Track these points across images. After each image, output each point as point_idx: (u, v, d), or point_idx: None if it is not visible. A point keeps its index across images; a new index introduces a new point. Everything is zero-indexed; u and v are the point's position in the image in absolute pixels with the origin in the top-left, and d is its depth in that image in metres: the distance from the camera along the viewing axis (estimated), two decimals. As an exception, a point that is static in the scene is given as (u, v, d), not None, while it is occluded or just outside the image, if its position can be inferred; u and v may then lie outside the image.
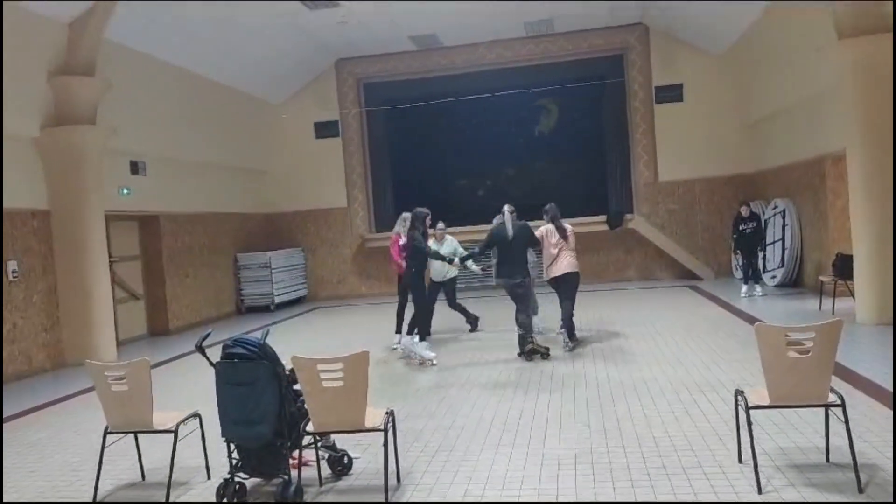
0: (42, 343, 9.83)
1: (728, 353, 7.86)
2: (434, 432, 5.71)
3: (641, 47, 15.58)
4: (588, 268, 16.05)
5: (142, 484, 5.03)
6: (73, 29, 9.89)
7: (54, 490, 5.04)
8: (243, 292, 15.27)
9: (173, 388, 8.13)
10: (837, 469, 4.33)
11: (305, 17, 13.09)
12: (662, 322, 10.21)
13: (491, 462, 4.92)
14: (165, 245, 12.95)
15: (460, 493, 4.42)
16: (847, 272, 9.51)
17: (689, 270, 15.37)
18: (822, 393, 4.15)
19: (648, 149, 15.71)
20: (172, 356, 10.23)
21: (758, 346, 4.19)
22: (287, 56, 14.89)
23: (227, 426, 4.39)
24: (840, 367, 6.68)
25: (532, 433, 5.50)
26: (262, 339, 4.41)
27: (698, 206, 15.63)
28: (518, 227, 8.43)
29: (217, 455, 4.91)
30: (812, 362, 4.10)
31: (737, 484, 4.22)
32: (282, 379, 4.38)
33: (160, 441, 5.05)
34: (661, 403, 6.06)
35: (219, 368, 4.40)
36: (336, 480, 4.78)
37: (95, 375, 4.67)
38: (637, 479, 4.42)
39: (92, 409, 5.08)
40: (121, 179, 11.70)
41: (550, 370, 7.63)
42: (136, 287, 12.70)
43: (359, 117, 16.69)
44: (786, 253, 12.77)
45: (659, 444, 5.02)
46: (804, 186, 12.35)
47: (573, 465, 4.73)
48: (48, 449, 6.12)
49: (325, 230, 16.90)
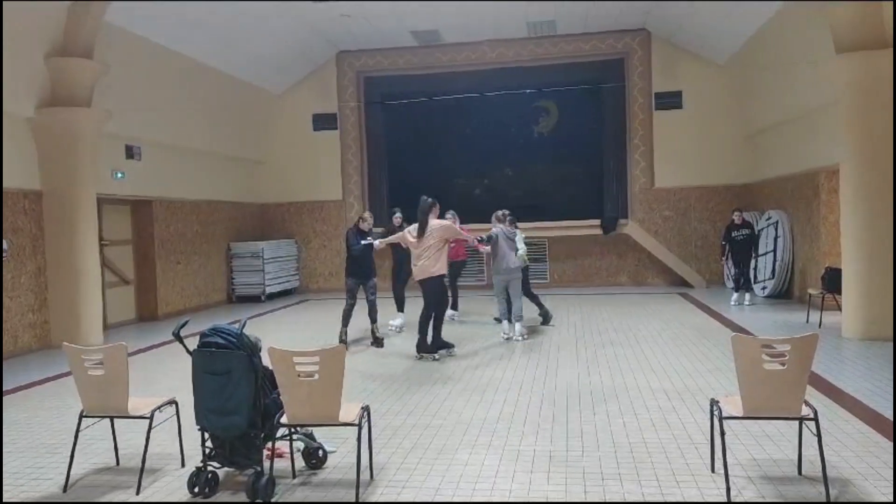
0: (28, 323, 9.82)
1: (711, 361, 7.87)
2: (411, 429, 5.71)
3: (643, 52, 15.58)
4: (580, 271, 16.16)
5: (115, 469, 5.02)
6: (73, 10, 9.85)
7: (28, 471, 5.04)
8: (235, 281, 15.26)
9: (156, 373, 8.13)
10: (809, 482, 4.34)
11: (308, 9, 13.06)
12: (649, 328, 10.22)
13: (465, 461, 4.93)
14: (158, 231, 12.93)
15: (432, 490, 4.43)
16: (835, 286, 9.54)
17: (681, 278, 15.39)
18: (795, 405, 4.15)
19: (646, 154, 15.72)
20: (159, 342, 10.22)
21: (734, 357, 4.20)
22: (288, 46, 14.86)
23: (202, 415, 4.38)
24: (822, 381, 6.72)
25: (509, 434, 5.50)
26: (239, 329, 4.40)
27: (693, 214, 15.64)
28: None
29: (193, 443, 4.90)
30: (787, 375, 4.10)
31: (707, 493, 4.23)
32: (258, 370, 4.37)
33: (137, 426, 5.05)
34: (640, 409, 6.07)
35: (195, 357, 4.40)
36: (310, 473, 4.78)
37: (73, 358, 4.66)
38: (609, 483, 4.43)
39: (73, 391, 5.08)
40: (115, 163, 11.69)
41: (533, 372, 7.64)
42: (127, 272, 12.69)
43: (357, 111, 16.67)
44: (777, 264, 12.79)
45: (634, 450, 5.03)
46: (798, 199, 12.37)
47: (547, 467, 4.74)
48: (26, 430, 6.11)
49: (319, 222, 16.89)
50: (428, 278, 8.38)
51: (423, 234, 8.39)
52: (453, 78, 16.23)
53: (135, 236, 12.90)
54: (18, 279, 9.66)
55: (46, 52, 9.76)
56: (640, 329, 10.18)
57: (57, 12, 9.76)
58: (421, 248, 8.41)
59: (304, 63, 16.17)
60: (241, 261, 15.18)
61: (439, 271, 8.42)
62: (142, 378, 7.54)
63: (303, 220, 16.96)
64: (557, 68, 16.05)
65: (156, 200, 12.85)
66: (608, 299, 13.76)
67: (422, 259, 8.39)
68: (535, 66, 16.06)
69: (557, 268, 16.22)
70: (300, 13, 13.32)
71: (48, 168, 10.01)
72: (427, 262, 8.35)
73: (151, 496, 4.49)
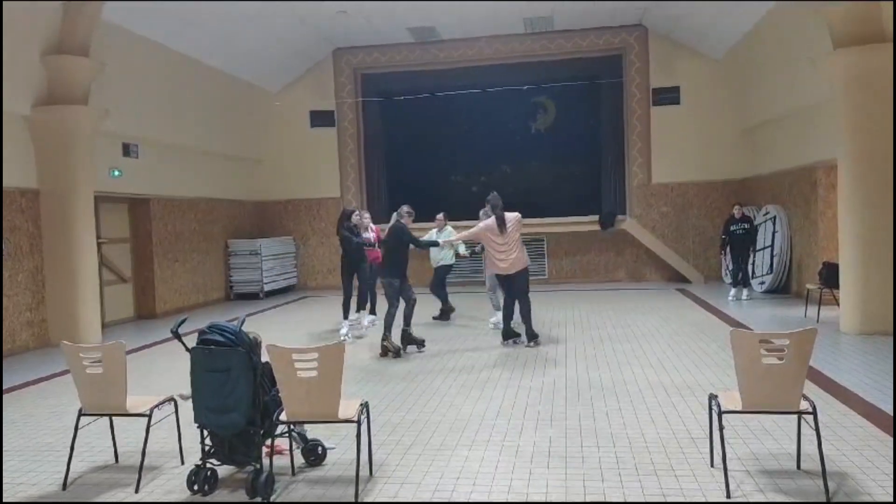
0: (26, 322, 9.80)
1: (710, 356, 7.88)
2: (411, 425, 5.72)
3: (640, 48, 15.57)
4: (578, 268, 16.17)
5: (115, 466, 5.02)
6: (69, 8, 9.82)
7: (27, 469, 5.03)
8: (233, 279, 15.25)
9: (155, 372, 8.13)
10: (807, 476, 4.35)
11: (304, 6, 13.04)
12: (648, 324, 10.23)
13: (465, 457, 4.93)
14: (155, 228, 12.91)
15: (432, 487, 4.43)
16: (833, 281, 9.54)
17: (679, 273, 15.40)
18: (794, 400, 4.16)
19: (643, 150, 15.72)
20: (157, 340, 10.21)
21: (732, 352, 4.21)
22: (285, 44, 14.83)
23: (201, 412, 4.38)
24: (819, 375, 6.73)
25: (508, 429, 5.51)
26: (238, 326, 4.40)
27: (691, 210, 15.65)
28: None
29: (192, 441, 4.91)
30: (785, 369, 4.11)
31: (706, 487, 4.24)
32: (257, 367, 4.37)
33: (136, 424, 5.05)
34: (639, 405, 6.08)
35: (194, 354, 4.39)
36: (309, 470, 4.78)
37: (70, 357, 4.65)
38: (608, 478, 4.44)
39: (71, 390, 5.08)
40: (112, 161, 11.66)
41: (532, 368, 7.65)
42: (125, 270, 12.67)
43: (355, 108, 16.65)
44: (775, 259, 12.80)
45: (633, 445, 5.04)
46: (796, 194, 12.38)
47: (546, 463, 4.75)
48: (25, 428, 6.10)
49: (317, 220, 16.88)
50: (522, 269, 8.72)
51: (506, 228, 8.59)
52: (450, 74, 16.22)
53: (132, 234, 12.88)
54: (16, 278, 9.64)
55: (43, 50, 9.73)
56: (638, 325, 10.19)
57: (53, 10, 9.73)
58: (507, 241, 8.62)
59: (301, 60, 16.14)
60: (239, 258, 15.17)
61: (527, 261, 8.89)
62: (140, 376, 7.54)
63: (300, 218, 16.94)
64: (555, 64, 16.04)
65: (153, 198, 12.83)
66: (606, 295, 13.77)
67: (513, 252, 8.64)
68: (532, 63, 16.05)
69: (555, 264, 16.23)
70: (296, 10, 13.29)
71: (45, 166, 9.98)
72: (519, 253, 8.69)
73: (151, 494, 4.49)
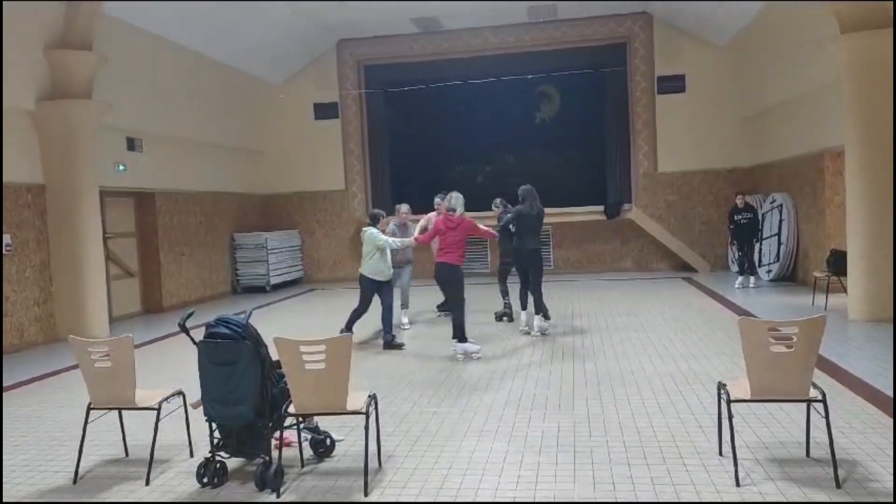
0: (34, 317, 9.84)
1: (717, 345, 7.87)
2: (419, 416, 5.72)
3: (645, 36, 15.47)
4: (584, 257, 16.15)
5: (125, 460, 5.04)
6: (72, 2, 9.81)
7: (38, 464, 5.06)
8: (239, 272, 15.27)
9: (163, 365, 8.15)
10: (816, 464, 4.34)
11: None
12: (654, 313, 10.21)
13: (474, 447, 4.93)
14: (161, 223, 12.93)
15: (440, 478, 4.43)
16: (841, 268, 9.50)
17: (685, 262, 15.36)
18: (803, 388, 4.14)
19: (649, 139, 15.65)
20: (164, 334, 10.23)
21: (741, 340, 4.19)
22: (287, 35, 14.79)
23: (209, 405, 4.39)
24: (828, 363, 6.71)
25: (517, 420, 5.51)
26: (245, 319, 4.40)
27: (697, 198, 15.59)
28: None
29: (201, 433, 4.92)
30: (794, 357, 4.09)
31: (715, 476, 4.23)
32: (264, 360, 4.38)
33: (146, 417, 5.06)
34: (647, 394, 6.08)
35: (201, 347, 4.40)
36: (318, 462, 4.79)
37: (79, 351, 4.67)
38: (617, 468, 4.43)
39: (80, 384, 5.10)
40: (117, 155, 11.67)
41: (539, 358, 7.65)
42: (131, 264, 12.69)
43: (358, 99, 16.61)
44: (782, 247, 12.75)
45: (641, 434, 5.03)
46: (802, 181, 12.31)
47: (555, 453, 4.75)
48: (34, 422, 6.14)
49: (322, 212, 16.88)
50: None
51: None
52: (454, 65, 16.16)
53: (138, 229, 12.90)
54: (23, 273, 9.67)
55: (46, 44, 9.73)
56: (645, 314, 10.17)
57: (56, 5, 9.72)
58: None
59: (304, 52, 16.10)
60: (245, 252, 15.18)
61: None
62: (148, 370, 7.56)
63: (306, 211, 16.95)
64: (559, 53, 15.96)
65: (158, 192, 12.84)
66: (613, 285, 13.75)
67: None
68: (536, 52, 15.98)
69: (562, 254, 16.21)
70: (299, 2, 13.24)
71: (50, 161, 9.99)
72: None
73: (161, 487, 4.51)
